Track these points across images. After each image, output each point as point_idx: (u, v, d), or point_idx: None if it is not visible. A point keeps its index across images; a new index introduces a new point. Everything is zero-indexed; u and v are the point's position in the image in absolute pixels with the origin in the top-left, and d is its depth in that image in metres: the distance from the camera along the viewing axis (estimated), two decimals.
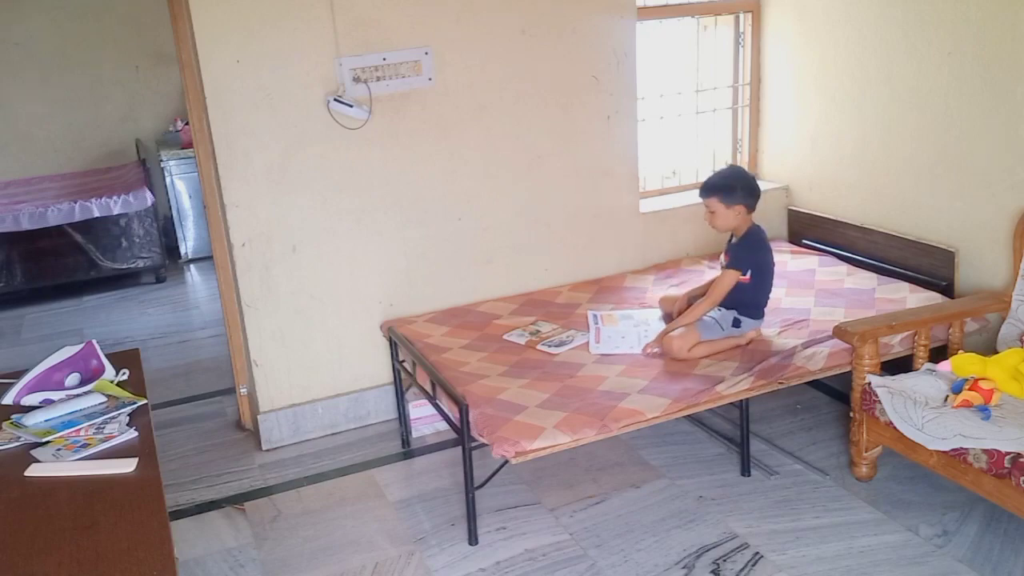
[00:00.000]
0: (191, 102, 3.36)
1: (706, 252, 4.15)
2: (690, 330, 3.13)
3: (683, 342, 3.08)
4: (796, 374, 3.04)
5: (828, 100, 3.99)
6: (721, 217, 3.22)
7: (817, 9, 3.95)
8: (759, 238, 3.26)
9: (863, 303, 3.46)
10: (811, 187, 4.19)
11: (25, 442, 2.07)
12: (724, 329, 3.17)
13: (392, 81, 3.39)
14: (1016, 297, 3.11)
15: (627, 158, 3.97)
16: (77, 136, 6.31)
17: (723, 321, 3.18)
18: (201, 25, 3.11)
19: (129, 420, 2.17)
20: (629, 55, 3.83)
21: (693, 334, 3.12)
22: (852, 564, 2.66)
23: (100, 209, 5.57)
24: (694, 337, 3.11)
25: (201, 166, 3.45)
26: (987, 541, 2.72)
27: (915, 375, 2.95)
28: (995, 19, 3.18)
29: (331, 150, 3.38)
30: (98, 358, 2.44)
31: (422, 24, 3.41)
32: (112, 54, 6.22)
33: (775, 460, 3.25)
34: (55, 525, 1.75)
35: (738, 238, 3.26)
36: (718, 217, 3.23)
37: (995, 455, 2.50)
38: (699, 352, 3.10)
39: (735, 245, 3.27)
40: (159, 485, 1.89)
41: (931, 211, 3.57)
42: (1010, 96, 3.17)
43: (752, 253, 3.23)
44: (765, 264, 3.25)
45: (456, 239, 3.69)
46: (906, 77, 3.57)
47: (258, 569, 2.83)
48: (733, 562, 2.71)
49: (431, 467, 3.38)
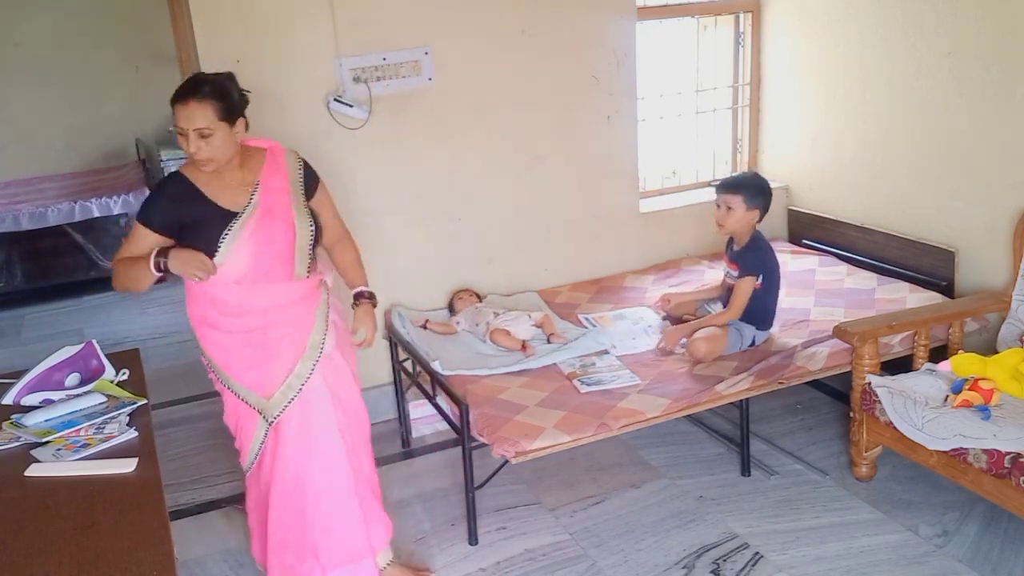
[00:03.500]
0: None
1: (706, 252, 4.15)
2: (721, 337, 3.11)
3: (712, 347, 3.07)
4: (796, 374, 3.04)
5: (828, 100, 3.98)
6: (736, 217, 3.15)
7: (817, 9, 3.95)
8: (766, 243, 3.24)
9: (863, 303, 3.46)
10: (811, 187, 4.19)
11: (25, 442, 2.07)
12: (743, 345, 3.17)
13: (392, 81, 3.39)
14: (1016, 297, 3.11)
15: (627, 158, 3.97)
16: (77, 136, 6.30)
17: (745, 337, 3.17)
18: (201, 25, 3.11)
19: (129, 420, 2.17)
20: (629, 55, 3.83)
21: (723, 341, 3.10)
22: (852, 564, 2.66)
23: (100, 209, 5.57)
24: (723, 344, 3.10)
25: None
26: (987, 541, 2.72)
27: (915, 375, 2.95)
28: (995, 19, 3.18)
29: (331, 150, 3.37)
30: (98, 358, 2.44)
31: (422, 24, 3.41)
32: (112, 54, 6.22)
33: (775, 460, 3.25)
34: (55, 525, 1.75)
35: (742, 245, 3.23)
36: (733, 216, 3.16)
37: (995, 455, 2.50)
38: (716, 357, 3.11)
39: (744, 251, 3.21)
40: (159, 485, 1.89)
41: (931, 211, 3.57)
42: (1010, 96, 3.17)
43: (763, 257, 3.20)
44: (775, 268, 3.23)
45: (456, 239, 3.69)
46: (906, 77, 3.57)
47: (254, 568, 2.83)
48: (733, 562, 2.71)
49: (431, 467, 3.37)
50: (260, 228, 2.27)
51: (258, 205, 2.28)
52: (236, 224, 2.25)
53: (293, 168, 2.40)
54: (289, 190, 2.35)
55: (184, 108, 2.16)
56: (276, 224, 2.29)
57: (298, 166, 2.41)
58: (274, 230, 2.29)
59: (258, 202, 2.28)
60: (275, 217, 2.29)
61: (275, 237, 2.29)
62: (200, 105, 2.15)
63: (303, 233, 2.34)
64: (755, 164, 4.47)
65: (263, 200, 2.29)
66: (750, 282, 3.15)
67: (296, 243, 2.32)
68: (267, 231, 2.28)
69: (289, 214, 2.32)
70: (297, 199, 2.35)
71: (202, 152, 2.18)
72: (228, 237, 2.23)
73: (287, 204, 2.32)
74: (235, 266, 2.25)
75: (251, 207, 2.27)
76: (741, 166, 4.50)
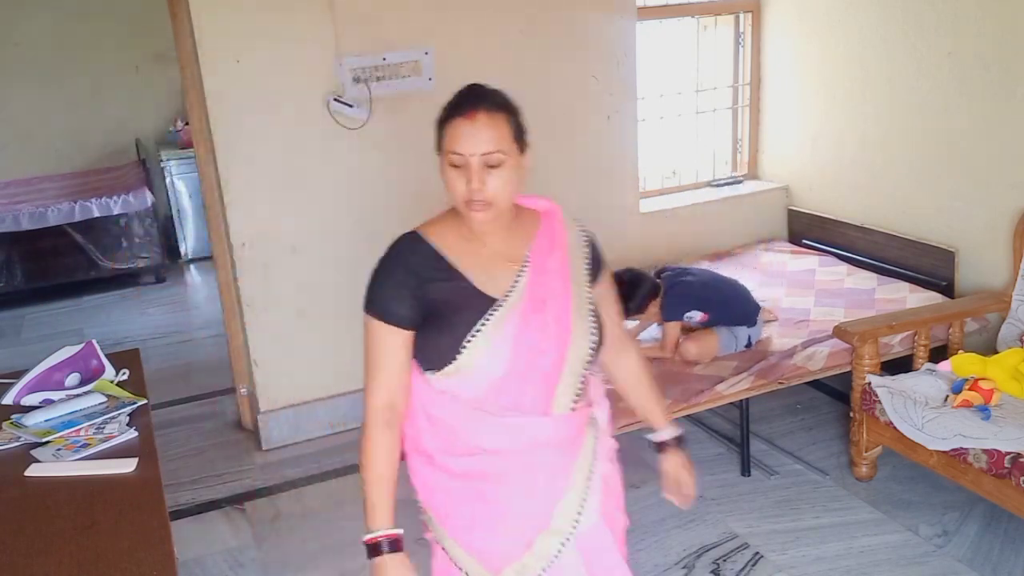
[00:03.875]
0: (191, 102, 3.36)
1: (706, 252, 4.15)
2: (710, 338, 3.11)
3: (702, 348, 3.07)
4: (796, 374, 3.04)
5: (828, 100, 3.98)
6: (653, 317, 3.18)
7: (817, 9, 3.95)
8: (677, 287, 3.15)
9: (863, 303, 3.46)
10: (811, 187, 4.19)
11: (25, 442, 2.07)
12: (738, 346, 3.17)
13: (392, 81, 3.39)
14: (1016, 297, 3.11)
15: (627, 158, 3.97)
16: (77, 136, 6.30)
17: (740, 338, 3.17)
18: (201, 25, 3.11)
19: (129, 420, 2.17)
20: (629, 55, 3.83)
21: (713, 342, 3.10)
22: (852, 564, 2.66)
23: (100, 209, 5.56)
24: (713, 345, 3.10)
25: (201, 166, 3.45)
26: (987, 541, 2.72)
27: (915, 375, 2.95)
28: (995, 19, 3.18)
29: (331, 150, 3.37)
30: (98, 358, 2.44)
31: (422, 24, 3.41)
32: (112, 54, 6.21)
33: (775, 460, 3.25)
34: (55, 525, 1.75)
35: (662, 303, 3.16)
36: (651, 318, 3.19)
37: (995, 455, 2.50)
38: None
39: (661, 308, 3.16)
40: (159, 485, 1.89)
41: (931, 211, 3.57)
42: (1010, 96, 3.17)
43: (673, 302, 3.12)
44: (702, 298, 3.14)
45: None
46: (906, 77, 3.57)
47: (258, 569, 2.83)
48: (733, 562, 2.71)
49: None
50: (523, 328, 1.52)
51: (525, 292, 1.54)
52: (494, 319, 1.51)
53: (576, 243, 1.66)
54: (569, 275, 1.60)
55: (469, 124, 1.49)
56: (546, 324, 1.54)
57: (583, 242, 1.68)
58: (541, 334, 1.54)
59: (525, 288, 1.55)
60: (546, 314, 1.55)
61: (540, 345, 1.53)
62: (492, 120, 1.50)
63: (581, 343, 1.57)
64: (755, 164, 4.47)
65: (532, 286, 1.55)
66: (674, 327, 3.12)
67: (567, 356, 1.56)
68: (530, 334, 1.53)
69: (566, 312, 1.57)
70: (579, 290, 1.60)
71: (486, 191, 1.49)
72: (480, 337, 1.50)
73: (565, 296, 1.57)
74: (474, 380, 1.53)
75: (517, 293, 1.54)
76: (741, 166, 4.50)
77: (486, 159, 1.49)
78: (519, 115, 1.58)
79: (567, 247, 1.63)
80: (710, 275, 3.31)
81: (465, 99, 1.54)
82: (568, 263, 1.61)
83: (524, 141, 1.58)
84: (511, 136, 1.52)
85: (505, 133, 1.51)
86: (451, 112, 1.54)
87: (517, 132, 1.55)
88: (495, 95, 1.57)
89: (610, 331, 1.68)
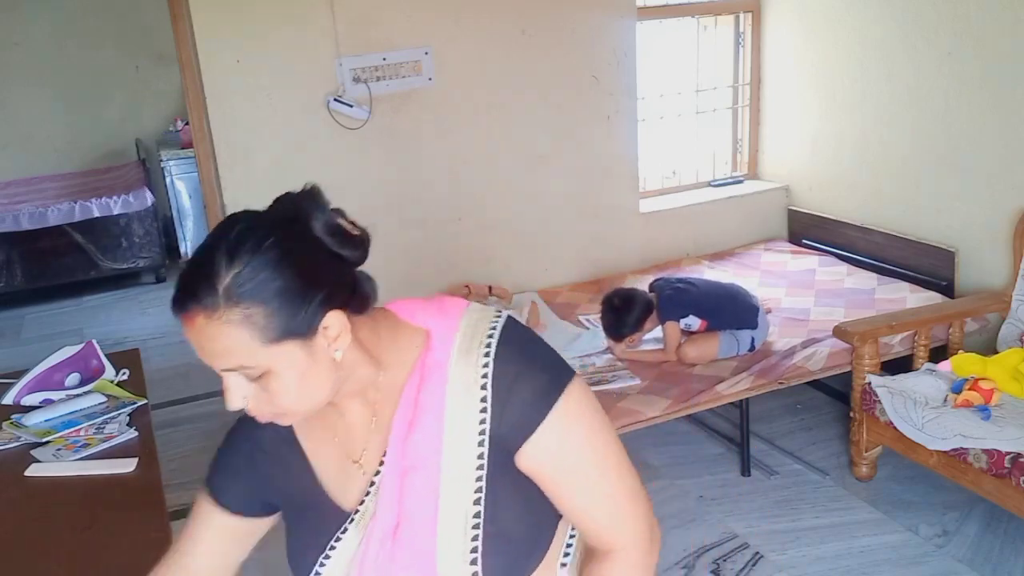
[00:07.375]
0: (191, 102, 3.36)
1: (706, 252, 4.15)
2: (710, 341, 3.10)
3: (701, 351, 3.07)
4: (796, 374, 3.04)
5: (828, 100, 3.98)
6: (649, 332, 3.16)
7: (817, 9, 3.95)
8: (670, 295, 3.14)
9: (863, 303, 3.46)
10: (811, 187, 4.19)
11: (25, 442, 2.07)
12: (740, 350, 3.16)
13: (392, 81, 3.39)
14: (1016, 297, 3.11)
15: (627, 158, 3.97)
16: (77, 136, 6.30)
17: (742, 342, 3.17)
18: (201, 25, 3.11)
19: (129, 420, 2.17)
20: (629, 55, 3.83)
21: (712, 346, 3.10)
22: (852, 564, 2.66)
23: (100, 209, 5.56)
24: (712, 349, 3.10)
25: (201, 166, 3.45)
26: (987, 541, 2.72)
27: (915, 375, 2.95)
28: (995, 19, 3.18)
29: (331, 150, 3.38)
30: (98, 358, 2.44)
31: (422, 24, 3.41)
32: (112, 54, 6.21)
33: (775, 460, 3.25)
34: (55, 525, 1.75)
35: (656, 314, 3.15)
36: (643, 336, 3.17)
37: (995, 455, 2.50)
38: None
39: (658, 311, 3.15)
40: (159, 485, 1.89)
41: (931, 211, 3.57)
42: (1010, 96, 3.17)
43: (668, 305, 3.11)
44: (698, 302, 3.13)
45: (456, 239, 3.69)
46: (906, 77, 3.57)
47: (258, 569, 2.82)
48: (733, 562, 2.71)
49: None
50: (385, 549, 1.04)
51: (381, 501, 1.04)
52: (344, 540, 1.07)
53: (467, 393, 1.01)
54: (440, 460, 1.01)
55: (187, 329, 0.98)
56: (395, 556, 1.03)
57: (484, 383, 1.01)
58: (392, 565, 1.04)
59: (381, 493, 1.04)
60: (399, 536, 1.03)
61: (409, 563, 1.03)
62: (214, 327, 0.94)
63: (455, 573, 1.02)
64: (755, 164, 4.47)
65: (388, 491, 1.04)
66: (673, 326, 3.11)
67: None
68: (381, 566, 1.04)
69: (430, 531, 1.02)
70: (459, 487, 1.02)
71: (265, 409, 1.01)
72: (331, 560, 1.08)
73: (429, 503, 1.02)
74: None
75: (366, 508, 1.06)
76: (741, 166, 4.50)
77: (241, 373, 0.96)
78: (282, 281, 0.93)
79: (443, 410, 1.01)
80: (704, 282, 3.30)
81: (181, 282, 0.97)
82: (441, 440, 1.01)
83: (308, 318, 0.95)
84: (261, 338, 0.93)
85: (242, 339, 0.92)
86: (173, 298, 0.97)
87: (281, 319, 0.93)
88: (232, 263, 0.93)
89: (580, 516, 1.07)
